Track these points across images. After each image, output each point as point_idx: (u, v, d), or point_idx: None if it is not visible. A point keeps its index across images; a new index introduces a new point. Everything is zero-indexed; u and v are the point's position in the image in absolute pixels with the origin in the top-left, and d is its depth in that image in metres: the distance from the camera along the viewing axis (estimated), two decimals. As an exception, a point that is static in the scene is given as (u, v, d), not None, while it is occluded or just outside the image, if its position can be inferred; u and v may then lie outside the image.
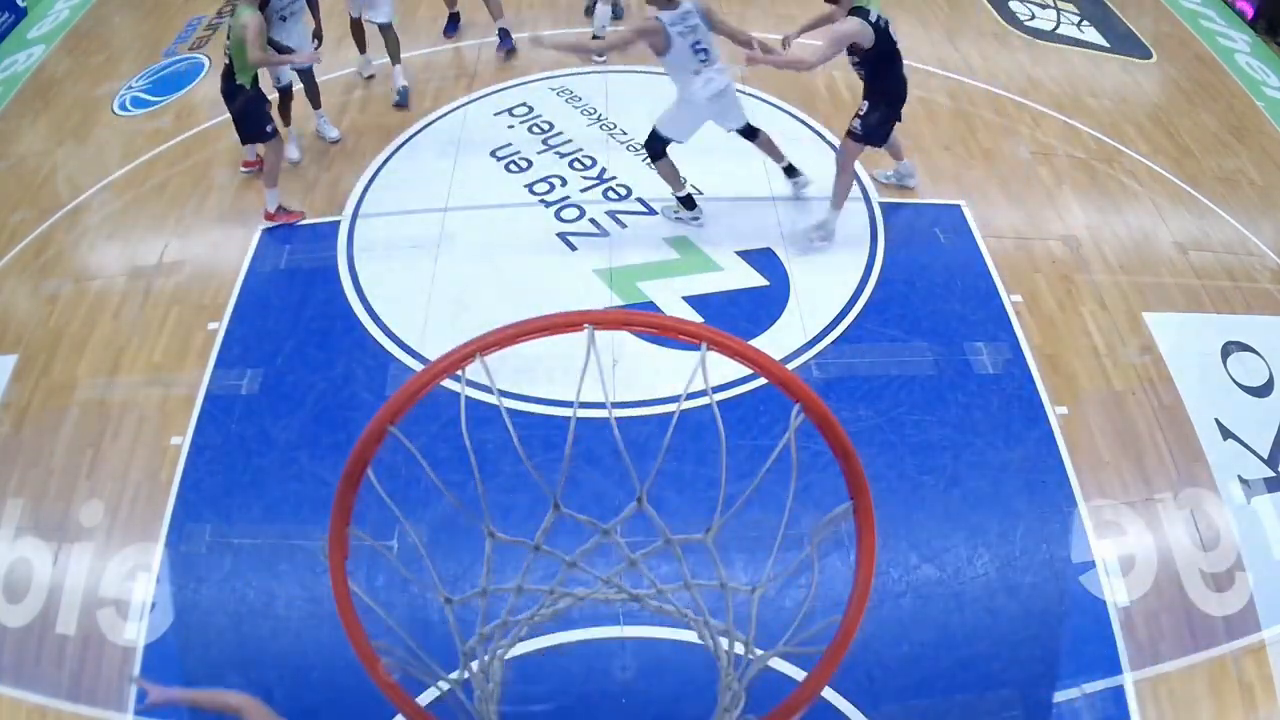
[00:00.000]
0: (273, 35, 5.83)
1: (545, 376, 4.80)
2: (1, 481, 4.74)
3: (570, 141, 6.65)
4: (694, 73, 5.40)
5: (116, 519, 4.54)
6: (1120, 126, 6.97)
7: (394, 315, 5.43)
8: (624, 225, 6.00)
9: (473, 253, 5.82)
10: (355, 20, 7.01)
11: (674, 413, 2.00)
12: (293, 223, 6.03)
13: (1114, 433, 4.86)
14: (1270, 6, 8.38)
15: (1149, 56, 7.94)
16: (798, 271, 5.66)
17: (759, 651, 2.15)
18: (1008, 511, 4.53)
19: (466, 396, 1.88)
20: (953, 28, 8.01)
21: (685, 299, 5.49)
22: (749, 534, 4.07)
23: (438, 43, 7.72)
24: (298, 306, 5.52)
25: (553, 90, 7.16)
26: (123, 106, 7.33)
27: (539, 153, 6.56)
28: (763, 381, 1.94)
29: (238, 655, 4.10)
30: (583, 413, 1.97)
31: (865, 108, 5.42)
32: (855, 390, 5.01)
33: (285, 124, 6.44)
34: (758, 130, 5.88)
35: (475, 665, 2.15)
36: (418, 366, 5.10)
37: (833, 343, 5.25)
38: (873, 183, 6.26)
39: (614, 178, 6.34)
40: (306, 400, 5.01)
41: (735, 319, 5.34)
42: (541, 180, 6.34)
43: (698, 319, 5.27)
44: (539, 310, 1.96)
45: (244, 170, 6.44)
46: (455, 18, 7.77)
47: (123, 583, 4.32)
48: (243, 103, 5.67)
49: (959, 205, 6.14)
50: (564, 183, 6.31)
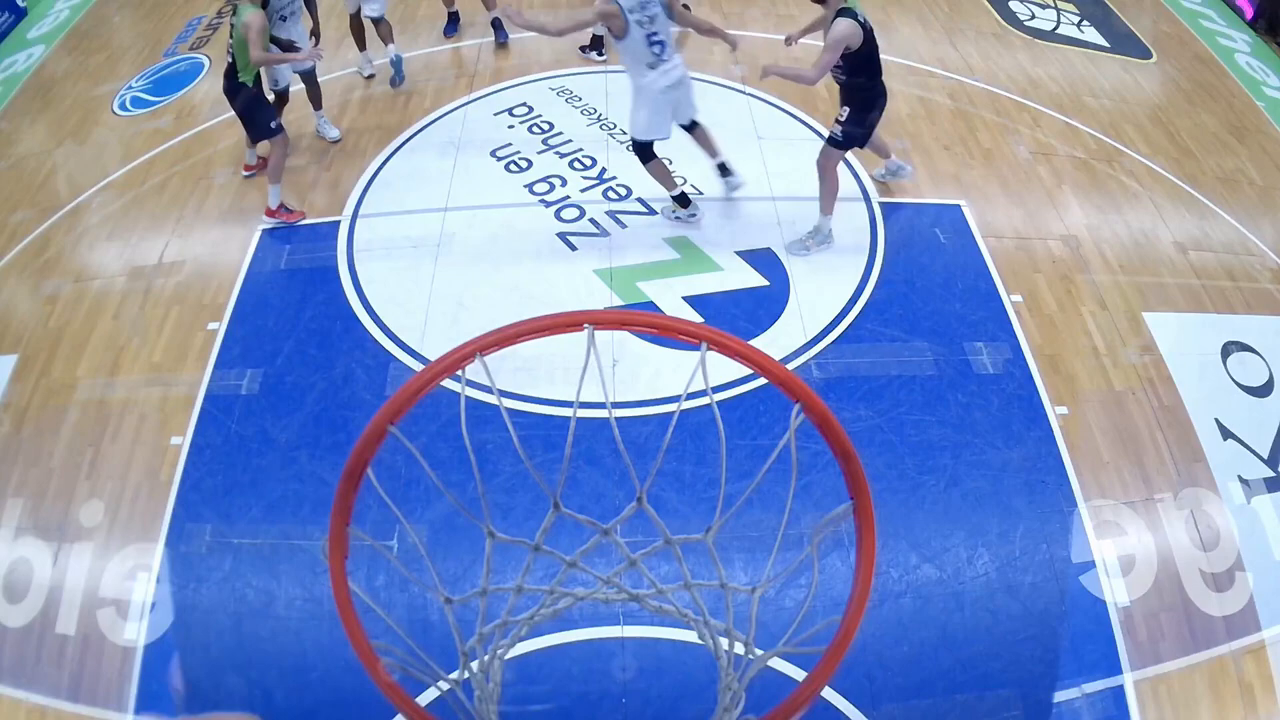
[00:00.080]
0: (274, 34, 5.83)
1: (545, 376, 4.81)
2: (1, 481, 4.74)
3: (570, 141, 6.66)
4: (649, 66, 5.39)
5: (116, 519, 4.55)
6: (1120, 126, 6.97)
7: (394, 315, 5.43)
8: (624, 225, 6.00)
9: (473, 253, 5.82)
10: (354, 16, 7.02)
11: (674, 413, 2.00)
12: (293, 222, 6.03)
13: (1114, 433, 4.87)
14: (1270, 6, 8.38)
15: (1149, 56, 7.95)
16: (798, 271, 5.66)
17: (759, 651, 2.14)
18: (1008, 511, 4.53)
19: (466, 396, 1.88)
20: (953, 28, 8.01)
21: (685, 299, 5.49)
22: (749, 534, 4.12)
23: (438, 43, 7.72)
24: (298, 306, 5.52)
25: (553, 90, 7.16)
26: (123, 106, 7.33)
27: (539, 153, 6.56)
28: (763, 381, 1.93)
29: (238, 655, 4.10)
30: (583, 413, 1.97)
31: (845, 114, 5.40)
32: (855, 390, 5.01)
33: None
34: (698, 123, 5.86)
35: (475, 665, 2.15)
36: (418, 366, 5.10)
37: (833, 343, 5.25)
38: (872, 183, 6.26)
39: (614, 178, 6.34)
40: (306, 400, 5.01)
41: (735, 319, 5.35)
42: (541, 180, 6.34)
43: (698, 319, 5.27)
44: (539, 310, 1.96)
45: (245, 174, 6.44)
46: (455, 17, 7.78)
47: (123, 583, 4.32)
48: (246, 101, 5.69)
49: (959, 205, 6.14)
50: (564, 183, 6.31)
